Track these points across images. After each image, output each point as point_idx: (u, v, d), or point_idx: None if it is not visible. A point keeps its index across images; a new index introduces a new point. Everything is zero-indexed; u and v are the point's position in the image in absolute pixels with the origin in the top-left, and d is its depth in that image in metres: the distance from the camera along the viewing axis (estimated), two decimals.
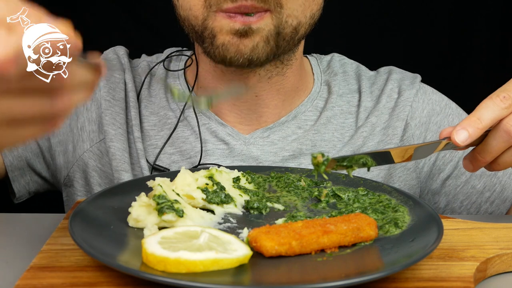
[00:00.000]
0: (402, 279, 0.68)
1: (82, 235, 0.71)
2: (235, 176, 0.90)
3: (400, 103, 1.10)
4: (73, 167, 1.08)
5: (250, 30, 0.93)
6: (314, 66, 1.15)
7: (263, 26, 0.94)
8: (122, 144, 1.05)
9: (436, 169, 1.10)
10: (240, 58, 0.95)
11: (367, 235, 0.74)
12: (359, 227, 0.73)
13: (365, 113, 1.10)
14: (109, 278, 0.67)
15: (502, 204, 1.09)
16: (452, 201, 1.10)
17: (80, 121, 1.08)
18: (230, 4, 0.92)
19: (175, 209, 0.76)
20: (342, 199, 0.87)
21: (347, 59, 1.18)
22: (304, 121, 1.09)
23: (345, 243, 0.73)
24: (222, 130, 1.07)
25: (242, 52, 0.95)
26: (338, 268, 0.68)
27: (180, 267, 0.64)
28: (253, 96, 1.06)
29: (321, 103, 1.11)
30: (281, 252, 0.69)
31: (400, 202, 0.84)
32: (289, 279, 0.67)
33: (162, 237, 0.69)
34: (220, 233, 0.71)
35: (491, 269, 0.74)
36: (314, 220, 0.74)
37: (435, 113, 1.11)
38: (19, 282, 0.66)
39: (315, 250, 0.71)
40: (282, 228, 0.72)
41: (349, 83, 1.14)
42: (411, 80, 1.13)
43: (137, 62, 1.17)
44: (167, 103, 1.10)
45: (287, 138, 1.07)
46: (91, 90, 0.62)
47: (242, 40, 0.94)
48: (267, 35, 0.95)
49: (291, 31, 0.98)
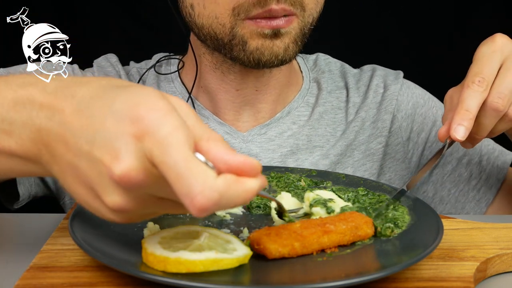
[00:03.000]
0: (402, 279, 0.68)
1: (82, 235, 0.71)
2: None
3: (387, 97, 1.15)
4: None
5: (279, 33, 0.95)
6: (302, 64, 1.18)
7: (291, 30, 0.96)
8: None
9: (424, 159, 1.14)
10: (275, 60, 0.97)
11: (364, 233, 0.74)
12: (357, 226, 0.74)
13: (354, 108, 1.14)
14: (109, 278, 0.67)
15: (489, 190, 1.12)
16: (440, 190, 1.14)
17: None
18: (259, 9, 0.93)
19: None
20: (342, 199, 0.87)
21: (331, 59, 1.22)
22: (298, 116, 1.12)
23: (344, 242, 0.73)
24: (221, 129, 1.08)
25: (277, 53, 0.97)
26: (338, 268, 0.68)
27: (180, 267, 0.64)
28: (253, 90, 1.08)
29: (312, 99, 1.14)
30: (284, 254, 0.69)
31: (400, 202, 0.84)
32: (288, 279, 0.67)
33: (162, 237, 0.69)
34: (220, 233, 0.71)
35: (491, 269, 0.74)
36: (312, 220, 0.74)
37: (419, 105, 1.17)
38: (19, 282, 0.66)
39: (316, 250, 0.71)
40: (281, 229, 0.71)
41: (336, 80, 1.18)
42: (395, 76, 1.18)
43: (127, 69, 1.17)
44: None
45: (283, 134, 1.10)
46: None
47: (275, 42, 0.96)
48: (295, 37, 0.97)
49: (309, 29, 1.01)
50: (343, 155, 1.10)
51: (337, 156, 1.10)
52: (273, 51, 0.96)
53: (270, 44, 0.96)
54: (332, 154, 1.10)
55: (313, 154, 1.09)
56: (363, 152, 1.12)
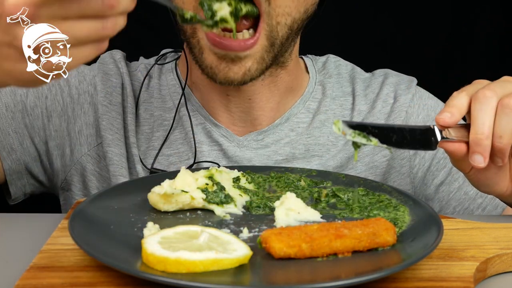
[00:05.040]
0: (402, 279, 0.68)
1: (82, 235, 0.71)
2: (235, 176, 0.90)
3: (396, 109, 1.10)
4: (70, 170, 1.08)
5: (237, 58, 0.91)
6: (309, 66, 1.14)
7: (254, 52, 0.92)
8: (120, 149, 1.06)
9: (430, 174, 1.10)
10: (231, 84, 0.94)
11: (384, 240, 0.71)
12: (375, 232, 0.71)
13: (359, 117, 1.10)
14: (109, 278, 0.67)
15: (494, 210, 1.09)
16: (445, 207, 1.10)
17: (77, 125, 1.08)
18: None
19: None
20: (342, 199, 0.87)
21: (342, 61, 1.17)
22: (297, 123, 1.08)
23: (360, 248, 0.71)
24: (216, 131, 1.06)
25: (231, 79, 0.93)
26: (338, 268, 0.68)
27: (180, 267, 0.64)
28: (246, 99, 1.05)
29: (314, 105, 1.10)
30: (290, 254, 0.69)
31: (400, 202, 0.84)
32: (287, 279, 0.67)
33: (162, 237, 0.69)
34: (220, 233, 0.71)
35: (491, 269, 0.74)
36: (331, 224, 0.73)
37: (430, 119, 1.11)
38: (19, 282, 0.66)
39: (327, 254, 0.70)
40: (295, 230, 0.70)
41: (343, 85, 1.13)
42: (407, 85, 1.13)
43: (136, 65, 1.16)
44: (162, 103, 1.10)
45: (280, 141, 1.07)
46: (125, 19, 0.70)
47: (231, 67, 0.92)
48: (260, 55, 0.93)
49: (286, 32, 0.96)
50: (343, 167, 1.07)
51: (336, 168, 1.06)
52: (227, 76, 0.92)
53: (226, 68, 0.92)
54: (331, 165, 1.06)
55: (310, 164, 1.05)
56: (367, 165, 1.08)
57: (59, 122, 1.08)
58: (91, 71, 1.11)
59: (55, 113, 1.08)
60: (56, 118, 1.08)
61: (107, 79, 1.10)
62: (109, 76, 1.11)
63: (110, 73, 1.11)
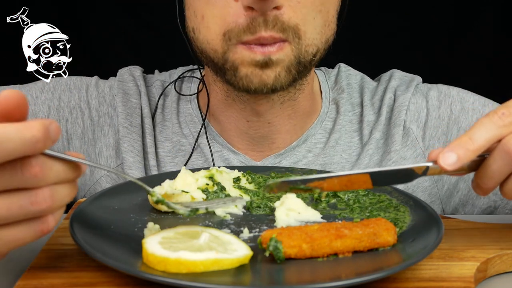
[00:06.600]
0: (402, 279, 0.68)
1: (83, 235, 0.71)
2: (236, 176, 0.90)
3: (395, 109, 1.10)
4: (89, 190, 1.09)
5: (271, 61, 0.93)
6: (323, 82, 1.15)
7: (283, 57, 0.94)
8: (140, 172, 1.07)
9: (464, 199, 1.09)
10: (264, 88, 0.95)
11: (384, 240, 0.71)
12: (376, 232, 0.71)
13: (368, 128, 1.11)
14: (109, 278, 0.67)
15: None
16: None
17: (97, 147, 1.09)
18: (250, 36, 0.92)
19: None
20: (342, 199, 0.87)
21: (352, 70, 1.18)
22: (314, 144, 1.09)
23: (361, 248, 0.71)
24: (235, 158, 1.07)
25: (265, 82, 0.95)
26: (338, 268, 0.68)
27: (181, 267, 0.64)
28: (265, 123, 1.06)
29: (330, 124, 1.11)
30: (291, 255, 0.69)
31: (400, 202, 0.84)
32: (286, 279, 0.67)
33: (162, 237, 0.69)
34: (220, 233, 0.71)
35: (491, 269, 0.74)
36: (332, 224, 0.73)
37: (429, 115, 1.10)
38: (19, 282, 0.66)
39: (328, 254, 0.70)
40: (295, 230, 0.71)
41: (352, 96, 1.14)
42: (407, 84, 1.13)
43: (151, 80, 1.16)
44: (179, 128, 1.11)
45: (298, 163, 1.08)
46: (74, 188, 0.63)
47: (265, 71, 0.94)
48: (288, 65, 0.95)
49: (310, 58, 0.98)
50: None
51: None
52: (261, 79, 0.94)
53: (259, 73, 0.94)
54: None
55: None
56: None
57: (79, 144, 1.09)
58: (111, 90, 1.12)
59: (75, 135, 1.09)
60: (76, 141, 1.09)
61: (127, 99, 1.11)
62: (129, 96, 1.11)
63: (129, 92, 1.12)
